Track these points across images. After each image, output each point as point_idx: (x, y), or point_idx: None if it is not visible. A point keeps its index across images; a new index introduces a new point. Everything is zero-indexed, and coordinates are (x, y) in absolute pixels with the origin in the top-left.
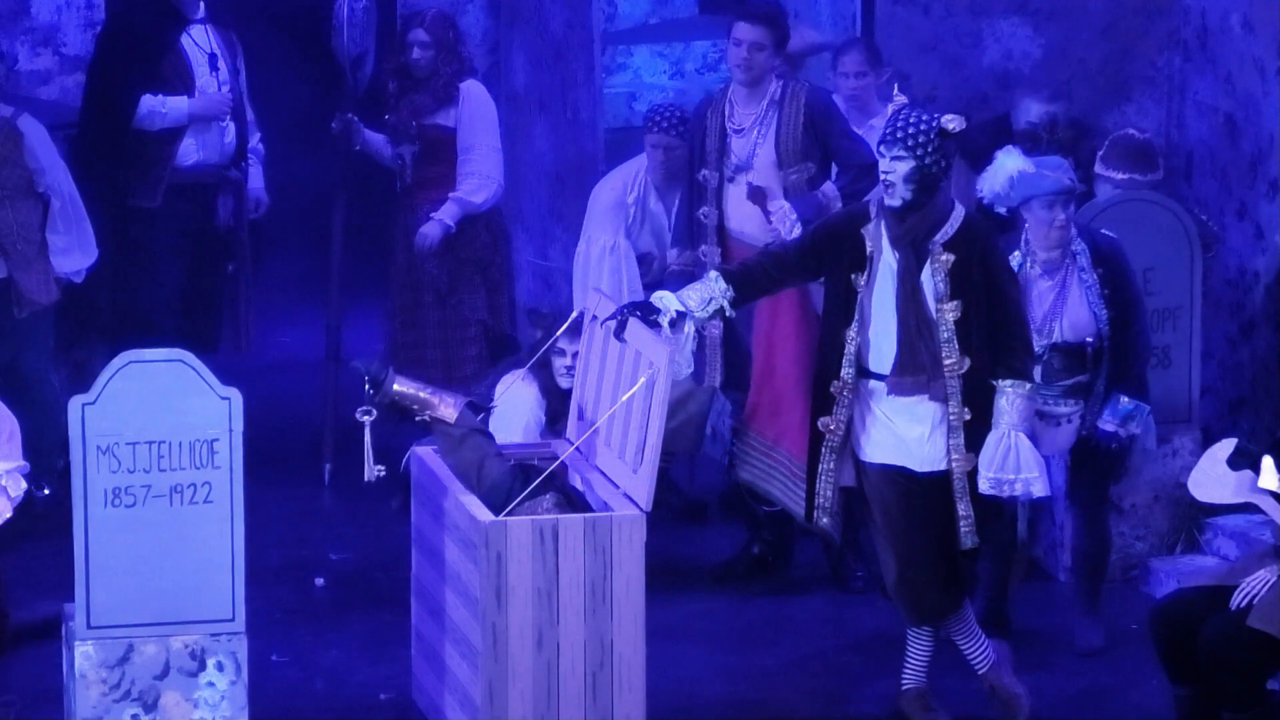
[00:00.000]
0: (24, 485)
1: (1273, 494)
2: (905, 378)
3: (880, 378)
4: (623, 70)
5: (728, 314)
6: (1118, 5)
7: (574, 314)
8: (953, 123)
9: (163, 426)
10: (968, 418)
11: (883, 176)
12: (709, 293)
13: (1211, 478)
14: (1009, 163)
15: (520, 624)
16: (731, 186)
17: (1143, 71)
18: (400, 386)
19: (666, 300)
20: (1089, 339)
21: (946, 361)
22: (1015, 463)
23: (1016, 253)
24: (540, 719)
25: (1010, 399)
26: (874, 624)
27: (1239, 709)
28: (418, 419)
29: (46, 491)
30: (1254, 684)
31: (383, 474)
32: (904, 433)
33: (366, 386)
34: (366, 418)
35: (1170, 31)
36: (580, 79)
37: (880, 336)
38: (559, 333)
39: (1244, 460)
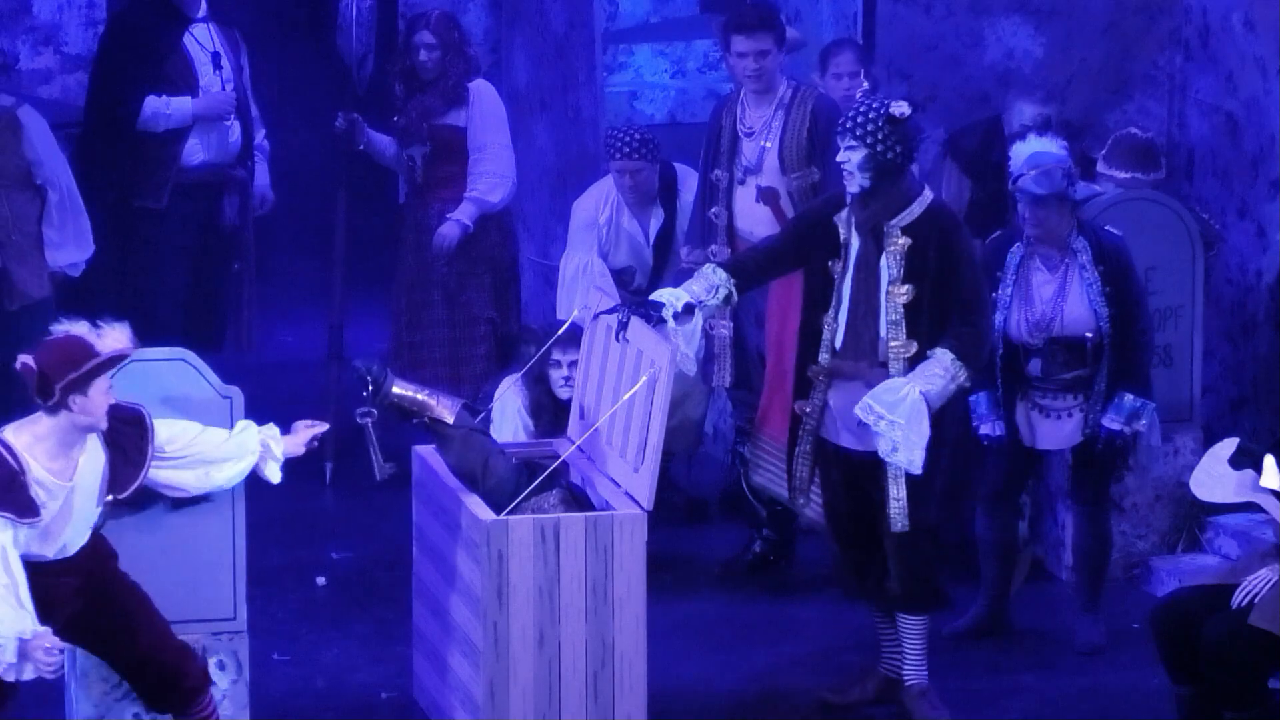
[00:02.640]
0: None
1: (1274, 493)
2: (846, 361)
3: None
4: (624, 69)
5: (733, 300)
6: (1119, 4)
7: (567, 322)
8: (898, 108)
9: None
10: None
11: (841, 165)
12: (713, 281)
13: (1213, 477)
14: (1024, 149)
15: (522, 623)
16: (741, 188)
17: (1144, 70)
18: (399, 389)
19: (671, 295)
20: (1088, 334)
21: (893, 345)
22: (890, 402)
23: (1018, 245)
24: (542, 718)
25: (930, 363)
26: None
27: (1240, 708)
28: (416, 421)
29: None
30: (1255, 683)
31: (393, 471)
32: (849, 412)
33: (366, 387)
34: (367, 419)
35: (1172, 30)
36: (581, 78)
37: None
38: (551, 340)
39: (1246, 459)
